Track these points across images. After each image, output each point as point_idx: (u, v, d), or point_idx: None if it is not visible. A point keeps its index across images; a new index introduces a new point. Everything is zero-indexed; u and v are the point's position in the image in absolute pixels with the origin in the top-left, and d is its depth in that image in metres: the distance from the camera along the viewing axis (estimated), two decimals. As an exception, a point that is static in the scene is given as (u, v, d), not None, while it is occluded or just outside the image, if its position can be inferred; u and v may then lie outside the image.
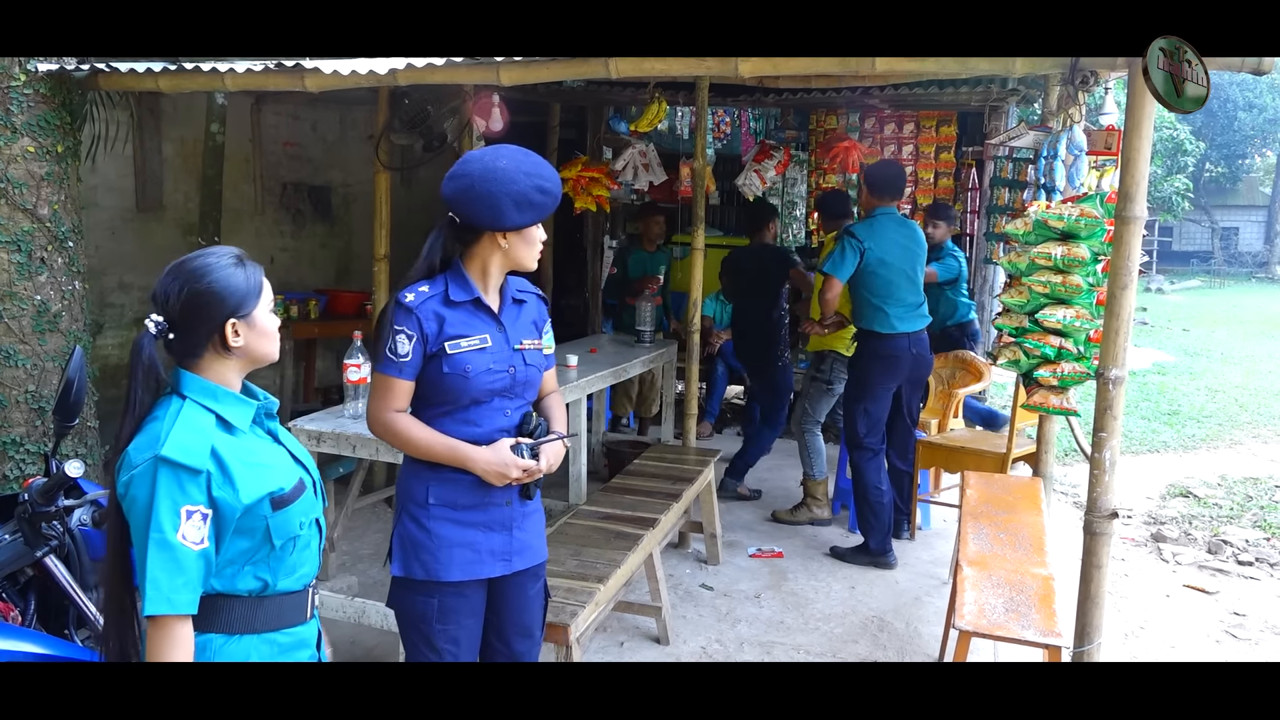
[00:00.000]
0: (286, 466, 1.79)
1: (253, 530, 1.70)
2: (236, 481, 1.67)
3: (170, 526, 1.59)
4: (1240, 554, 5.32)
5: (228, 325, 1.71)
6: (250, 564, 1.72)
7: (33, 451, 3.82)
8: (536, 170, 2.24)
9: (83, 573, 2.57)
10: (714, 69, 3.21)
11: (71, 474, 2.41)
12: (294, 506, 1.76)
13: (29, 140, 3.79)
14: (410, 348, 2.24)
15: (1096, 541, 2.74)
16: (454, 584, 2.32)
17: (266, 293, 1.78)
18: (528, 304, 2.44)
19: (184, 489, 1.61)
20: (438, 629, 2.31)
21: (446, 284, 2.28)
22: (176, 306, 1.69)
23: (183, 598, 1.60)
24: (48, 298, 3.87)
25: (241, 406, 1.75)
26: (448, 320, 2.26)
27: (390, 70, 3.40)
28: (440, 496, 2.32)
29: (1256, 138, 31.31)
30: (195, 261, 1.72)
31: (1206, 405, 9.60)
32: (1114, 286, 2.63)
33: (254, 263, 1.79)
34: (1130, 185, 2.60)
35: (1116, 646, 4.05)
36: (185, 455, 1.61)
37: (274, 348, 1.81)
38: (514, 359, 2.34)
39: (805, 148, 7.75)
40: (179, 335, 1.71)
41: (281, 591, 1.77)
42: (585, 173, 6.63)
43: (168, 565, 1.58)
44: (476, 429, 2.32)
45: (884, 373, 4.77)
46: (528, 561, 2.44)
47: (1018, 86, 6.29)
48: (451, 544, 2.31)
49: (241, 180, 6.43)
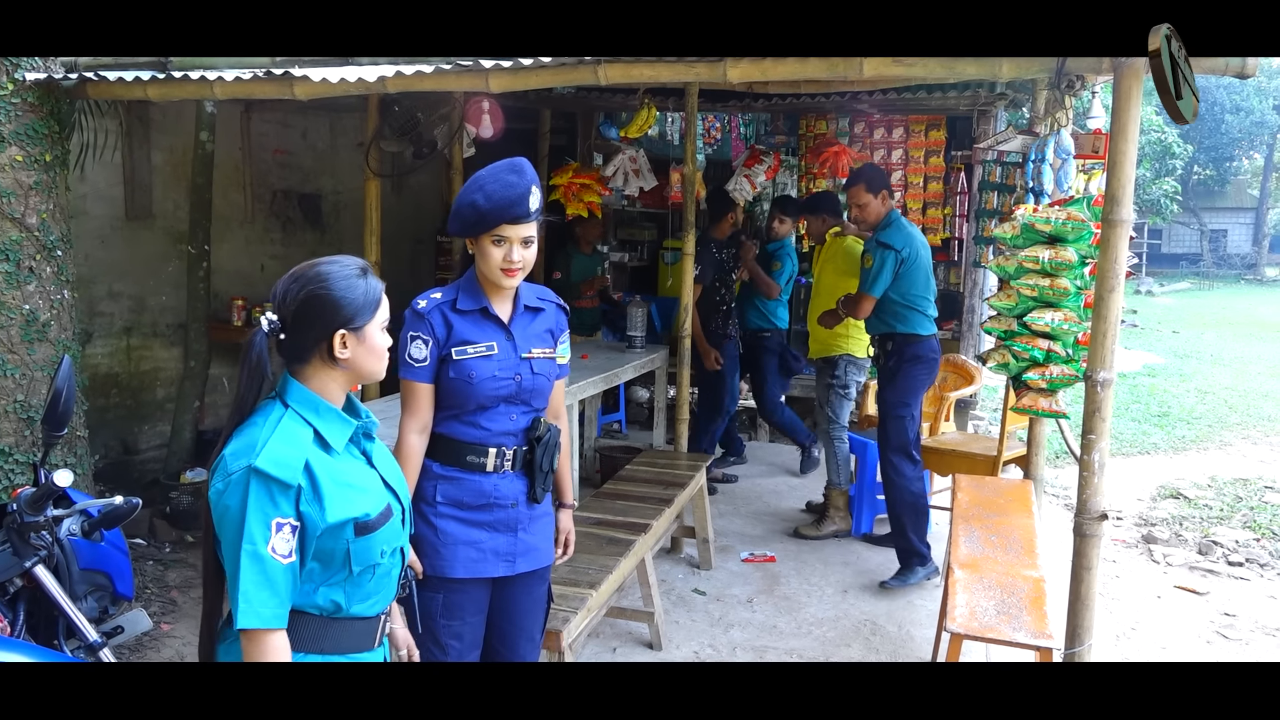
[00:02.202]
0: (376, 491, 1.76)
1: (333, 552, 1.68)
2: (325, 500, 1.64)
3: (262, 539, 1.58)
4: (1230, 555, 5.34)
5: (337, 335, 1.69)
6: (326, 585, 1.70)
7: (21, 461, 3.81)
8: (484, 185, 2.27)
9: (72, 583, 2.56)
10: (703, 74, 3.22)
11: (60, 484, 2.40)
12: (378, 534, 1.73)
13: (17, 149, 3.78)
14: (427, 351, 2.33)
15: (1086, 543, 2.74)
16: (458, 581, 2.38)
17: (383, 311, 1.76)
18: (545, 312, 2.50)
19: (275, 501, 1.60)
20: (442, 624, 2.37)
21: (458, 292, 2.38)
22: (291, 308, 1.68)
23: (270, 611, 1.59)
24: (36, 307, 3.86)
25: (341, 425, 1.73)
26: (456, 326, 2.35)
27: (379, 78, 3.41)
28: (447, 495, 2.39)
29: (1244, 140, 31.52)
30: (319, 267, 1.71)
31: (1196, 407, 9.64)
32: (1101, 289, 2.64)
33: (377, 278, 1.77)
34: (1116, 188, 2.61)
35: (1108, 648, 4.06)
36: (279, 469, 1.60)
37: (380, 366, 1.78)
38: (521, 367, 2.40)
39: (795, 152, 7.77)
40: (290, 337, 1.70)
41: (353, 616, 1.75)
42: (576, 179, 6.65)
43: (258, 578, 1.58)
44: (482, 431, 2.39)
45: (929, 375, 4.68)
46: (533, 564, 2.49)
47: (1005, 91, 6.32)
48: (456, 542, 2.38)
49: (231, 188, 6.41)
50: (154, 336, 5.89)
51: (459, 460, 2.39)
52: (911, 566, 4.56)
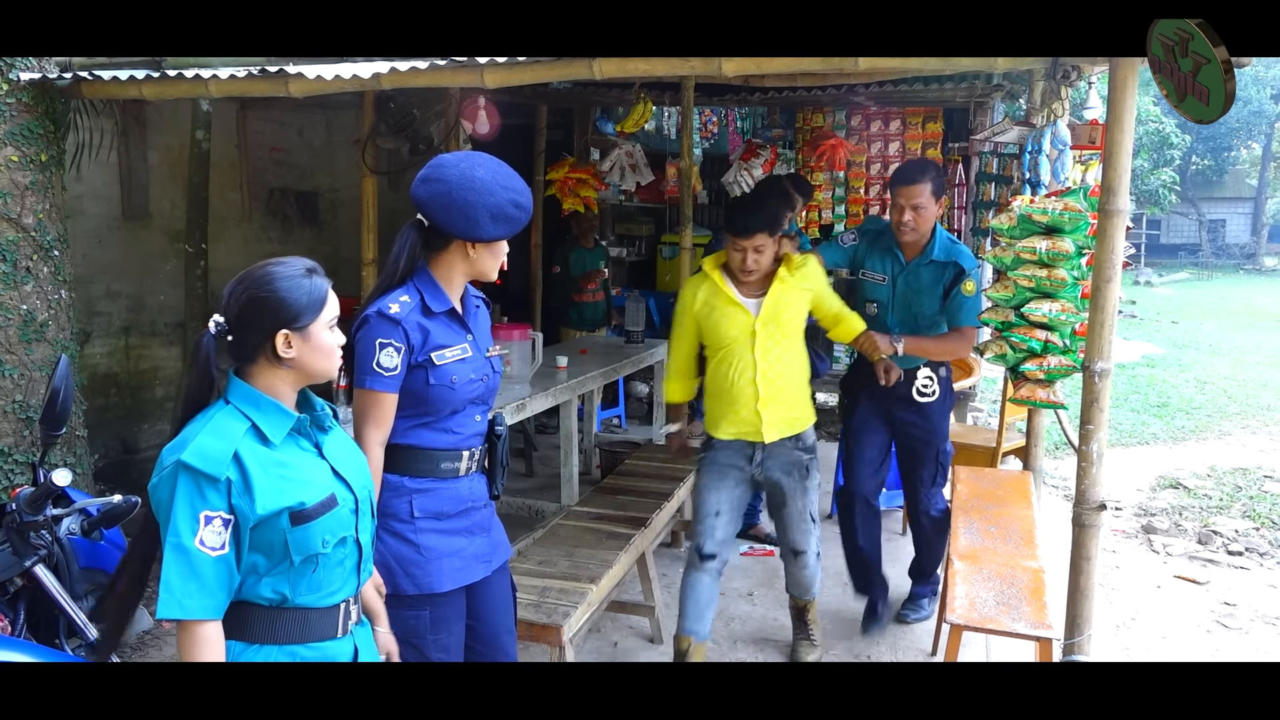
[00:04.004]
0: (319, 481, 1.75)
1: (271, 543, 1.68)
2: (255, 491, 1.65)
3: (188, 531, 1.60)
4: (1230, 544, 5.35)
5: (280, 335, 1.70)
6: (269, 575, 1.71)
7: (20, 462, 3.81)
8: (511, 184, 2.23)
9: (72, 581, 2.57)
10: (698, 68, 3.22)
11: (59, 483, 2.40)
12: (317, 523, 1.72)
13: (12, 149, 3.77)
14: (399, 360, 2.20)
15: (1085, 534, 2.75)
16: (444, 594, 2.31)
17: (329, 309, 1.77)
18: (483, 309, 2.46)
19: (203, 494, 1.61)
20: (431, 640, 2.31)
21: (421, 293, 2.25)
22: (235, 309, 1.70)
23: (195, 603, 1.60)
24: (34, 307, 3.86)
25: (280, 418, 1.73)
26: (431, 331, 2.24)
27: (374, 74, 3.40)
28: (424, 508, 2.30)
29: (1242, 130, 31.50)
30: (264, 268, 1.74)
31: (1195, 397, 9.64)
32: (1098, 280, 2.64)
33: (324, 277, 1.78)
34: (1113, 178, 2.61)
35: (1108, 638, 4.07)
36: (204, 461, 1.61)
37: (329, 365, 1.78)
38: (485, 366, 2.36)
39: (792, 146, 7.76)
40: (235, 338, 1.72)
41: (304, 606, 1.75)
42: (573, 174, 6.66)
43: (182, 570, 1.59)
44: (454, 436, 2.32)
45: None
46: (502, 558, 2.49)
47: (1002, 82, 6.33)
48: (441, 554, 2.30)
49: (228, 187, 6.41)
50: (152, 336, 5.89)
51: (433, 470, 2.30)
52: (929, 592, 4.18)
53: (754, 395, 3.34)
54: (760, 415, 3.36)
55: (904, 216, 3.63)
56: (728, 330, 3.35)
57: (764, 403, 3.35)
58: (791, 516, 3.52)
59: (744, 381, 3.34)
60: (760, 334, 3.32)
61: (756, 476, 3.46)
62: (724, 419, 3.43)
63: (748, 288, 3.37)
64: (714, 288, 3.38)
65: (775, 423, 3.39)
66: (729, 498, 3.46)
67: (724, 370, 3.39)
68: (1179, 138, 25.57)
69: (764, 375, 3.34)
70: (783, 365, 3.37)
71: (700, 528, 3.47)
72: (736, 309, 3.35)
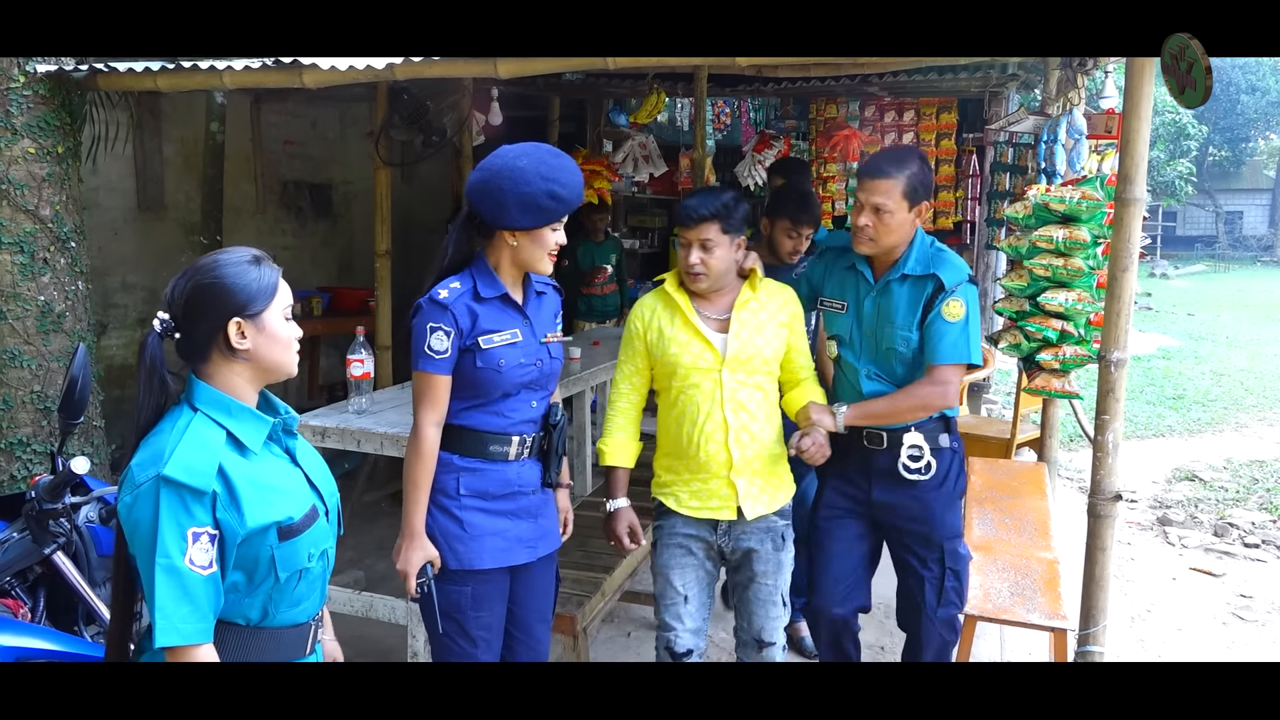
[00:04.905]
0: (300, 492, 1.68)
1: (256, 559, 1.59)
2: (243, 506, 1.56)
3: (177, 551, 1.49)
4: (1246, 536, 5.32)
5: (232, 324, 1.59)
6: (251, 594, 1.61)
7: (39, 451, 3.84)
8: (554, 175, 2.24)
9: (90, 569, 2.59)
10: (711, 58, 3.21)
11: (78, 471, 2.42)
12: (303, 537, 1.64)
13: (29, 141, 3.80)
14: (449, 344, 2.28)
15: (1101, 524, 2.73)
16: (485, 571, 2.37)
17: (281, 297, 1.66)
18: (549, 295, 2.50)
19: (189, 510, 1.51)
20: (472, 616, 2.37)
21: (474, 280, 2.32)
22: (181, 302, 1.59)
23: (191, 627, 1.51)
24: (51, 298, 3.89)
25: (256, 423, 1.63)
26: (480, 316, 2.31)
27: (388, 65, 3.41)
28: (471, 487, 2.36)
29: (1260, 121, 31.25)
30: (207, 257, 1.64)
31: (1211, 389, 9.58)
32: (1114, 269, 2.63)
33: (273, 265, 1.67)
34: (1130, 167, 2.59)
35: (1123, 629, 4.05)
36: (190, 475, 1.51)
37: (287, 357, 1.67)
38: (541, 352, 2.40)
39: (805, 137, 7.74)
40: (184, 335, 1.61)
41: (281, 624, 1.67)
42: (585, 165, 6.64)
43: (175, 593, 1.49)
44: (505, 420, 2.37)
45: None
46: (549, 547, 2.51)
47: (1017, 72, 6.29)
48: (484, 533, 2.37)
49: (242, 179, 6.43)
50: (168, 327, 5.92)
51: (482, 451, 2.36)
52: None
53: (726, 462, 2.56)
54: (735, 487, 2.57)
55: (860, 219, 2.64)
56: (685, 367, 2.57)
57: (740, 470, 2.57)
58: (759, 598, 2.67)
59: (712, 445, 2.55)
60: (730, 380, 2.54)
61: (724, 548, 2.66)
62: (685, 488, 2.64)
63: (716, 318, 2.59)
64: (671, 307, 2.61)
65: (754, 495, 2.59)
66: (695, 578, 2.68)
67: (683, 425, 2.59)
68: (1196, 128, 25.36)
69: (738, 437, 2.55)
70: (762, 421, 2.59)
71: (667, 618, 2.70)
72: (698, 340, 2.56)
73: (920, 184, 2.63)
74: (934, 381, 2.61)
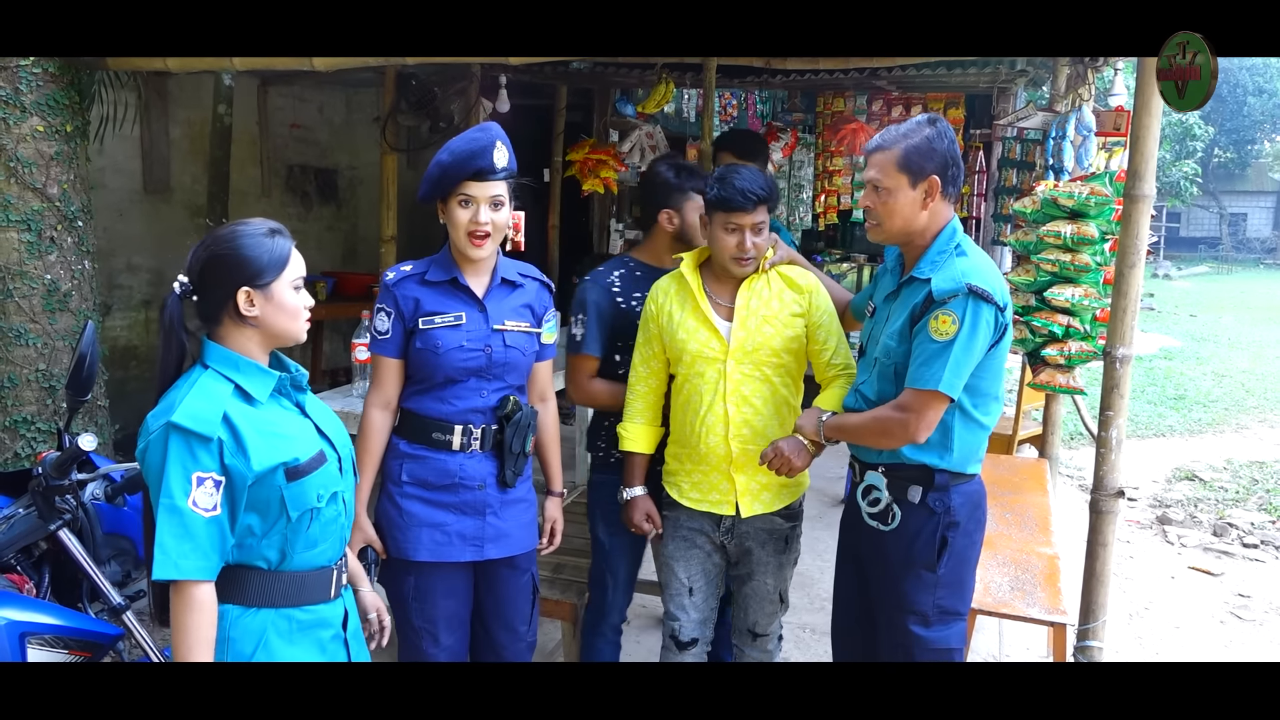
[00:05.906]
0: (307, 438, 1.78)
1: (268, 501, 1.69)
2: (249, 450, 1.66)
3: (180, 492, 1.61)
4: (1245, 537, 5.33)
5: (241, 293, 1.71)
6: (267, 536, 1.71)
7: (44, 430, 3.85)
8: (454, 144, 2.24)
9: (96, 546, 2.59)
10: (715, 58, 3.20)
11: (85, 447, 2.42)
12: (311, 478, 1.74)
13: (38, 119, 3.79)
14: (389, 324, 2.30)
15: (1102, 520, 2.74)
16: (425, 565, 2.32)
17: (293, 269, 1.77)
18: (523, 288, 2.42)
19: (195, 456, 1.62)
20: (414, 607, 2.34)
21: (430, 264, 2.33)
22: (198, 269, 1.72)
23: (190, 563, 1.60)
24: (58, 277, 3.89)
25: (262, 377, 1.75)
26: (423, 298, 2.30)
27: (398, 49, 3.40)
28: (413, 474, 2.33)
29: (1266, 123, 31.14)
30: (227, 228, 1.75)
31: (1213, 390, 9.59)
32: (1122, 265, 2.63)
33: (288, 237, 1.78)
34: (1139, 163, 2.59)
35: (1121, 627, 4.07)
36: (195, 422, 1.62)
37: (295, 325, 1.78)
38: (492, 339, 2.32)
39: (812, 130, 7.73)
40: (200, 298, 1.74)
41: (299, 567, 1.77)
42: (592, 155, 6.63)
43: (176, 530, 1.60)
44: (449, 407, 2.32)
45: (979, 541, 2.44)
46: (503, 551, 2.39)
47: (1026, 68, 6.27)
48: (420, 524, 2.32)
49: (248, 163, 6.43)
50: (172, 309, 5.93)
51: (424, 437, 2.32)
52: None
53: (726, 456, 2.46)
54: (734, 482, 2.49)
55: (864, 200, 2.36)
56: (690, 354, 2.47)
57: (739, 466, 2.47)
58: (756, 593, 2.60)
59: (713, 438, 2.45)
60: (734, 371, 2.44)
61: (727, 544, 2.58)
62: (687, 479, 2.55)
63: (729, 306, 2.48)
64: (684, 291, 2.51)
65: (753, 492, 2.50)
66: (701, 569, 2.60)
67: (687, 415, 2.50)
68: (1202, 129, 25.30)
69: (739, 431, 2.44)
70: (767, 416, 2.45)
71: (672, 607, 2.64)
72: (705, 328, 2.46)
73: (921, 154, 2.21)
74: (898, 406, 2.21)
